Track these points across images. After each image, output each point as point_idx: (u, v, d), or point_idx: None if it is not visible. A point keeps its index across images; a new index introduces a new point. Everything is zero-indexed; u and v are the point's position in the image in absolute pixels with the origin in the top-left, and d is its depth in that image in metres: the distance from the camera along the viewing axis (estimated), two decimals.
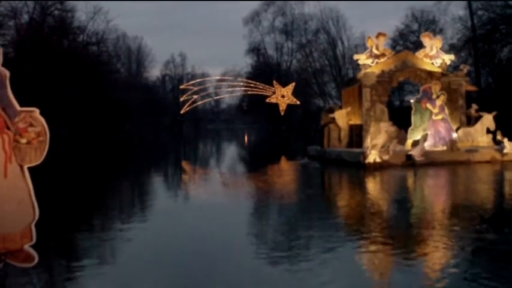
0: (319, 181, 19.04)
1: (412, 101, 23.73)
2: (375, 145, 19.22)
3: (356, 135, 23.65)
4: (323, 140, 24.36)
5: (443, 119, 22.61)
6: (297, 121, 66.92)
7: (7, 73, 5.46)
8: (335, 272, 6.48)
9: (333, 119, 24.19)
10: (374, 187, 15.76)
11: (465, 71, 25.08)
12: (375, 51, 24.49)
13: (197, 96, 33.67)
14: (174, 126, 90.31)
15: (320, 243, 7.96)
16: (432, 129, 22.43)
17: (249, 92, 35.82)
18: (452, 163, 20.09)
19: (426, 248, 7.53)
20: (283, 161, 26.32)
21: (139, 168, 25.21)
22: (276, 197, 13.28)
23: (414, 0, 69.42)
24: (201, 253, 7.39)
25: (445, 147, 21.71)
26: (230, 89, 39.36)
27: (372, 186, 15.97)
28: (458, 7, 55.20)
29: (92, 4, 63.02)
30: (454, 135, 22.42)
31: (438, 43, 25.45)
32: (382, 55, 24.43)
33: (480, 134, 23.85)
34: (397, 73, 24.18)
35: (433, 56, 24.95)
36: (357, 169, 19.10)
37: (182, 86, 39.79)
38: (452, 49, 41.58)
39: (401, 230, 8.79)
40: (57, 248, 7.94)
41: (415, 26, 53.32)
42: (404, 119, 23.63)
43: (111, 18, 65.61)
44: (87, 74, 56.15)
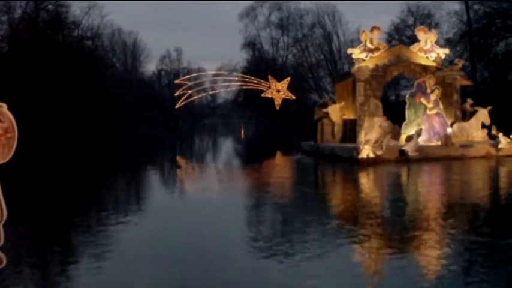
0: (309, 178, 18.62)
1: (407, 96, 23.51)
2: (368, 140, 19.01)
3: (350, 130, 23.43)
4: (316, 135, 24.16)
5: (437, 114, 22.37)
6: (293, 116, 66.70)
7: None
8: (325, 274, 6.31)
9: (327, 114, 23.96)
10: (365, 184, 15.53)
11: (460, 65, 24.83)
12: (369, 45, 24.21)
13: (192, 91, 33.46)
14: (170, 121, 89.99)
15: (309, 244, 7.73)
16: (426, 124, 22.21)
17: (245, 87, 35.66)
18: (446, 158, 19.87)
19: (415, 250, 7.34)
20: (277, 156, 26.07)
21: (132, 164, 24.95)
22: (266, 195, 12.98)
23: None
24: (194, 248, 7.43)
25: (440, 142, 21.46)
26: (226, 84, 39.20)
27: (363, 182, 15.73)
28: (454, 1, 54.87)
29: None
30: (449, 130, 22.17)
31: (433, 37, 25.16)
32: (376, 49, 24.16)
33: (475, 129, 23.64)
34: (392, 67, 23.95)
35: (428, 50, 24.68)
36: (351, 164, 18.91)
37: (177, 81, 39.51)
38: (448, 43, 41.38)
39: (391, 233, 8.36)
40: (52, 244, 8.01)
41: (411, 21, 53.01)
42: (400, 114, 23.36)
43: (106, 13, 65.16)
44: (82, 69, 55.78)
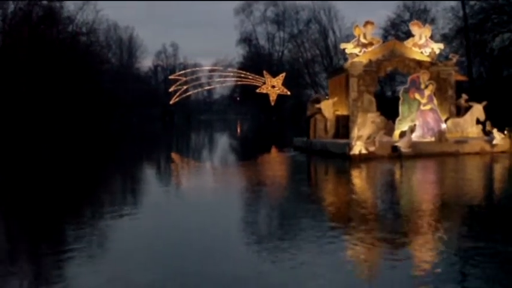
0: (298, 176, 17.66)
1: (400, 91, 23.23)
2: (361, 136, 18.73)
3: (343, 126, 23.15)
4: (309, 131, 23.88)
5: (431, 109, 22.09)
6: (289, 111, 66.55)
7: None
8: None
9: (319, 110, 23.67)
10: (356, 181, 15.14)
11: (454, 61, 24.53)
12: (363, 40, 23.88)
13: (187, 86, 33.22)
14: (166, 116, 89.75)
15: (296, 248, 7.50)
16: (420, 119, 21.93)
17: (240, 83, 35.45)
18: (440, 155, 19.65)
19: (403, 254, 7.11)
20: (272, 153, 25.90)
21: (125, 160, 24.80)
22: (249, 197, 12.60)
23: None
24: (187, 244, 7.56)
25: (434, 138, 21.20)
26: (221, 80, 38.97)
27: (354, 179, 15.34)
28: None
29: None
30: (443, 125, 21.89)
31: (427, 32, 24.85)
32: (369, 44, 23.84)
33: (470, 125, 23.42)
34: (385, 62, 23.64)
35: (422, 45, 24.38)
36: (343, 160, 18.65)
37: (171, 76, 39.33)
38: (444, 39, 41.15)
39: (381, 240, 7.77)
40: (46, 238, 8.16)
41: (407, 16, 52.73)
42: (395, 110, 23.07)
43: (100, 8, 64.71)
44: (77, 64, 55.46)
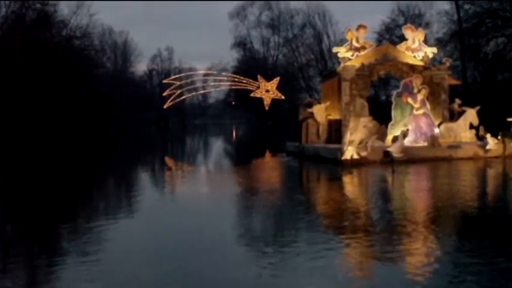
0: (287, 184, 16.99)
1: (393, 96, 23.00)
2: (352, 141, 18.47)
3: (335, 130, 22.88)
4: (301, 136, 23.63)
5: (424, 114, 21.87)
6: (284, 116, 66.31)
7: None
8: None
9: (312, 114, 23.43)
10: (344, 189, 14.64)
11: (448, 65, 24.33)
12: (355, 43, 23.66)
13: (181, 90, 32.96)
14: (160, 121, 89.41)
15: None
16: (413, 124, 21.72)
17: (234, 87, 35.22)
18: (433, 160, 19.44)
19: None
20: (266, 157, 25.93)
21: (118, 165, 24.66)
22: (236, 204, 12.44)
23: None
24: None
25: (426, 143, 20.96)
26: (216, 84, 38.75)
27: (342, 187, 14.88)
28: (444, 1, 54.57)
29: None
30: (436, 130, 21.67)
31: (420, 35, 24.64)
32: (362, 48, 23.63)
33: (463, 130, 23.16)
34: (378, 66, 23.41)
35: (415, 49, 24.17)
36: (335, 166, 18.38)
37: (165, 81, 39.04)
38: (438, 43, 41.06)
39: (369, 255, 7.48)
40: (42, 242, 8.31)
41: (401, 20, 52.59)
42: (389, 114, 22.82)
43: (94, 12, 64.33)
44: (71, 68, 55.09)
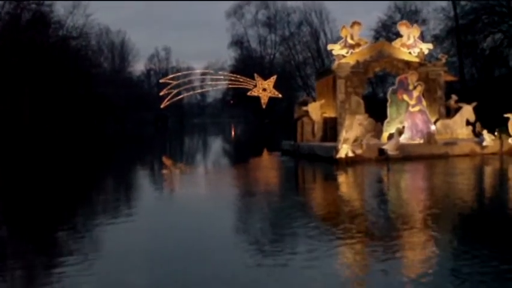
0: (282, 182, 16.78)
1: (388, 93, 22.82)
2: (347, 139, 18.29)
3: (330, 128, 22.72)
4: (296, 134, 23.46)
5: (420, 111, 21.64)
6: (282, 114, 66.20)
7: None
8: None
9: (307, 112, 23.25)
10: (337, 189, 14.28)
11: (443, 61, 24.15)
12: (350, 40, 23.46)
13: (178, 90, 32.80)
14: (158, 121, 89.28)
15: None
16: (409, 121, 21.49)
17: (232, 86, 35.07)
18: (429, 157, 19.23)
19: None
20: (263, 155, 25.94)
21: (116, 165, 24.54)
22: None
23: None
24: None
25: (423, 140, 20.78)
26: (213, 83, 38.55)
27: (336, 186, 14.55)
28: None
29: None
30: (432, 127, 21.47)
31: (416, 32, 24.43)
32: (357, 45, 23.44)
33: (459, 126, 23.02)
34: (373, 63, 23.23)
35: (411, 45, 23.98)
36: (330, 164, 18.19)
37: (162, 80, 38.85)
38: (435, 39, 40.95)
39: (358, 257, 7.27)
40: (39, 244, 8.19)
41: (398, 17, 52.41)
42: (386, 111, 22.65)
43: (90, 12, 64.23)
44: (67, 69, 54.96)
